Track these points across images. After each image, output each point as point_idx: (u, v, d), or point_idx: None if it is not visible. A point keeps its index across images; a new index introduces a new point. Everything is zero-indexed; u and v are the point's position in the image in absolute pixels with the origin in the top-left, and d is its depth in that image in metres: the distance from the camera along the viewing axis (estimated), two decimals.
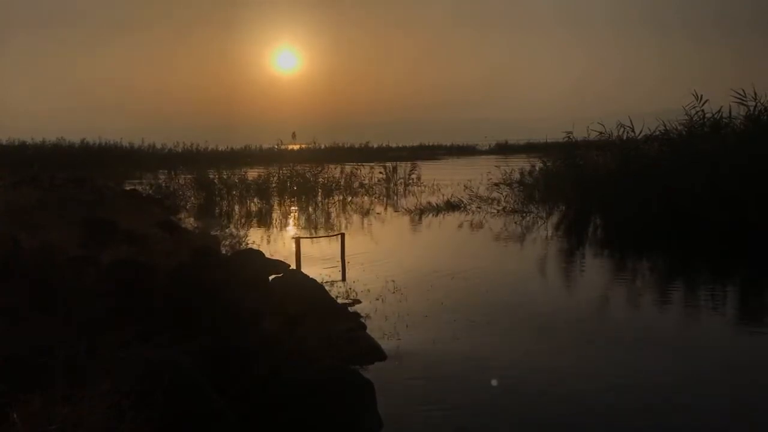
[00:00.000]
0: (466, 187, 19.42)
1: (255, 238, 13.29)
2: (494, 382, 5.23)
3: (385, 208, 19.52)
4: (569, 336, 6.51)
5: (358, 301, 7.80)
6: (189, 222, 16.20)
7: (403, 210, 18.37)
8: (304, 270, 8.73)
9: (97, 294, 5.19)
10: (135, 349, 4.08)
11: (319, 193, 22.18)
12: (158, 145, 51.81)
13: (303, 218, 17.79)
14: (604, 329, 6.91)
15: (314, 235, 13.70)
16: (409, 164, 27.97)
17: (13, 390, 3.08)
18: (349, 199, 21.84)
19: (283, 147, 43.61)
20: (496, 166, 21.47)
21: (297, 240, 10.20)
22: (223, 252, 10.37)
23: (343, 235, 10.71)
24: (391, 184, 25.83)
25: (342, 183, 23.20)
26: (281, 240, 13.46)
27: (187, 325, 4.83)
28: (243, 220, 17.24)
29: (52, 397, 3.04)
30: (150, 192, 22.00)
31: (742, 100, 14.37)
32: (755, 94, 14.21)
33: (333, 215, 18.04)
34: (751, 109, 14.26)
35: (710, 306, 8.00)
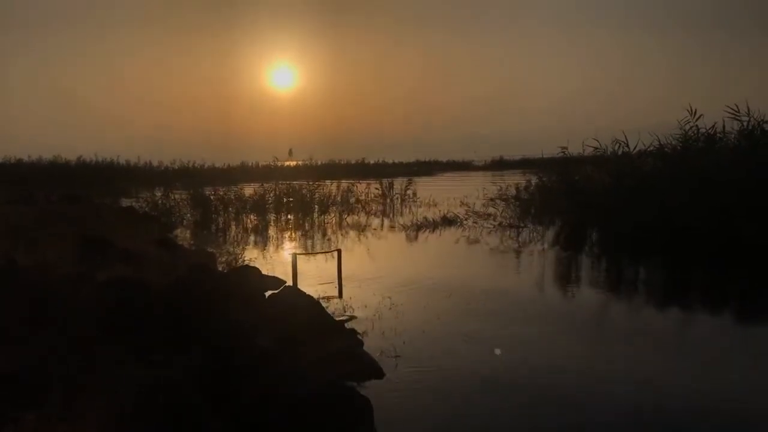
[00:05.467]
0: (462, 202, 19.47)
1: (251, 254, 13.29)
2: (495, 385, 5.24)
3: (382, 224, 19.53)
4: (571, 350, 6.50)
5: (355, 317, 7.79)
6: (185, 238, 16.18)
7: (400, 226, 18.39)
8: (301, 286, 8.72)
9: (93, 312, 5.17)
10: (130, 367, 4.07)
11: (316, 210, 22.19)
12: (155, 163, 51.85)
13: (299, 234, 17.78)
14: (604, 342, 6.91)
15: (311, 252, 13.69)
16: (405, 180, 28.07)
17: (9, 408, 3.07)
18: (346, 215, 21.85)
19: (279, 163, 43.65)
20: (491, 182, 21.53)
21: (293, 256, 10.19)
22: (220, 269, 10.37)
23: (339, 252, 10.72)
24: (388, 200, 25.89)
25: (338, 199, 23.21)
26: (277, 256, 13.44)
27: (183, 343, 4.82)
28: (239, 237, 17.21)
29: (47, 415, 3.03)
30: (146, 209, 21.96)
31: (736, 115, 14.50)
32: (748, 109, 14.36)
33: (329, 231, 18.03)
34: (745, 124, 14.39)
35: (708, 320, 8.01)
